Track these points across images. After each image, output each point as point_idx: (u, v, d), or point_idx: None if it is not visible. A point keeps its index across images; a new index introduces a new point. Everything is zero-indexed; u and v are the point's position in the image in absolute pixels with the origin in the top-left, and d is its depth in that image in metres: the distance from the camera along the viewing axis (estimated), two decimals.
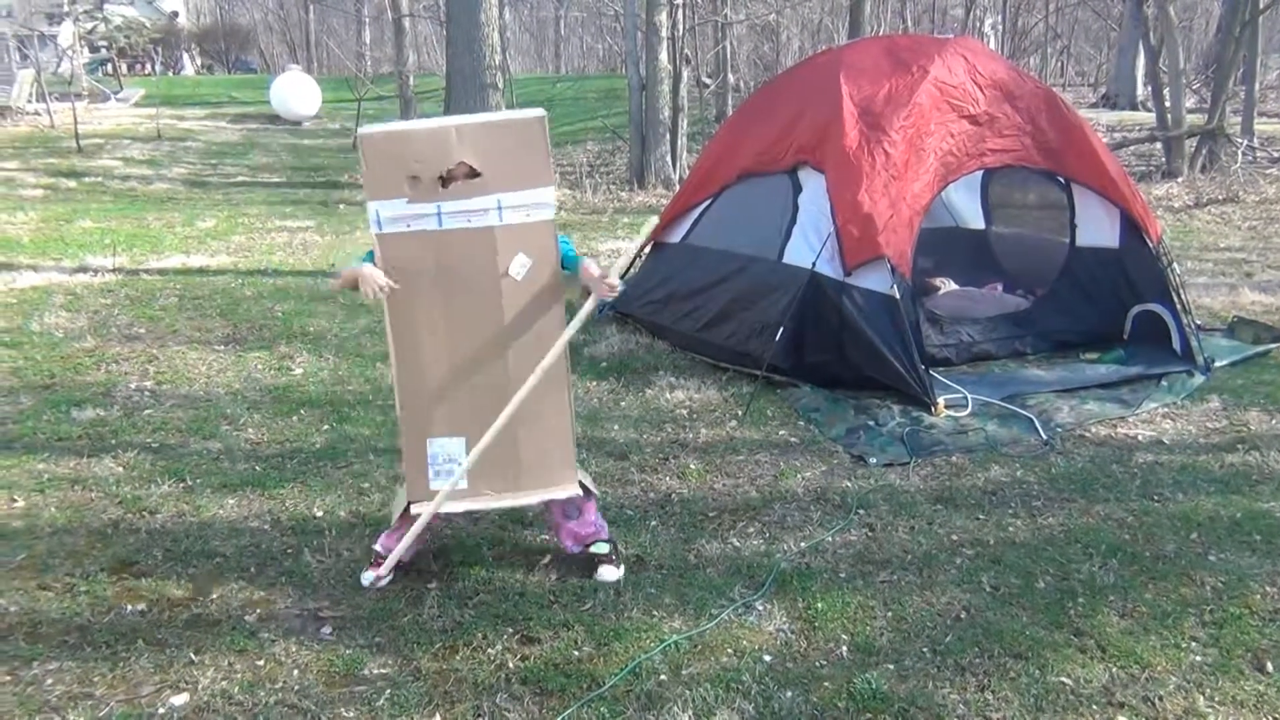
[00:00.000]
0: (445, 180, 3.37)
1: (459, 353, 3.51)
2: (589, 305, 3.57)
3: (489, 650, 3.26)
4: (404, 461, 3.63)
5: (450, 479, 3.55)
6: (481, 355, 3.51)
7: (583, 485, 3.69)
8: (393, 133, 3.46)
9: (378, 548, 3.72)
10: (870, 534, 4.09)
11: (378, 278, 3.41)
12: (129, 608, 3.50)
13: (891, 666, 3.17)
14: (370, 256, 3.50)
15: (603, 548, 3.75)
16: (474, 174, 3.38)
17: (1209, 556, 3.86)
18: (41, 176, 14.88)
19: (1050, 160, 6.16)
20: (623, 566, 3.76)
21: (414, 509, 3.59)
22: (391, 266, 3.45)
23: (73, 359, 6.29)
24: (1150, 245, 6.20)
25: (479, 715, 2.95)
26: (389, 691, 3.05)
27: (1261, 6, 14.52)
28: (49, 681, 3.09)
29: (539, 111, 3.45)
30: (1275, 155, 14.84)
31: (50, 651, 3.24)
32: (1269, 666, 3.16)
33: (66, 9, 25.30)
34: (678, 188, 10.51)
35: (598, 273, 3.55)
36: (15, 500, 4.33)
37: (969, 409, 5.36)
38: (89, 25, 25.92)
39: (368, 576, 3.67)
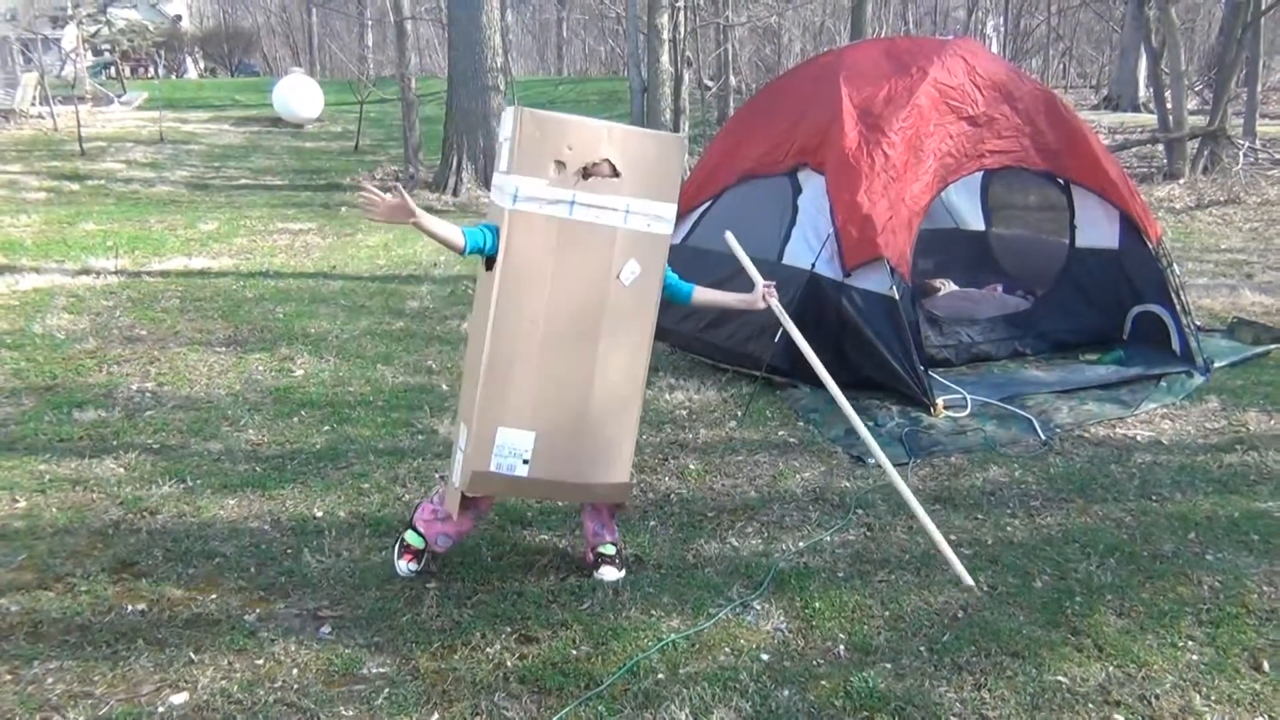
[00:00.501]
0: (587, 173, 3.41)
1: (551, 345, 3.48)
2: (778, 308, 4.08)
3: (487, 649, 3.27)
4: (468, 443, 3.50)
5: (510, 473, 3.50)
6: (572, 351, 3.50)
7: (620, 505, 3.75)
8: (553, 115, 3.48)
9: (411, 540, 3.71)
10: (868, 534, 4.10)
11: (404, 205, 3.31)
12: (129, 607, 3.52)
13: (889, 665, 3.18)
14: (490, 231, 3.42)
15: (609, 549, 3.77)
16: (614, 174, 3.43)
17: (1206, 556, 3.87)
18: (44, 179, 14.93)
19: (1049, 161, 6.17)
20: (624, 570, 3.76)
21: (468, 493, 3.53)
22: (514, 245, 3.41)
23: (74, 360, 6.31)
24: (1150, 246, 6.21)
25: (477, 714, 2.96)
26: (387, 690, 3.06)
27: (1263, 8, 14.53)
28: (50, 680, 3.10)
29: (680, 135, 3.54)
30: (1277, 157, 14.85)
31: (51, 650, 3.25)
32: (1265, 666, 3.17)
33: (70, 12, 25.39)
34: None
35: (750, 296, 3.91)
36: (17, 501, 4.35)
37: (968, 410, 5.37)
38: (92, 29, 26.00)
39: (403, 565, 3.72)
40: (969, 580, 3.64)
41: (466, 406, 3.57)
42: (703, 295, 3.84)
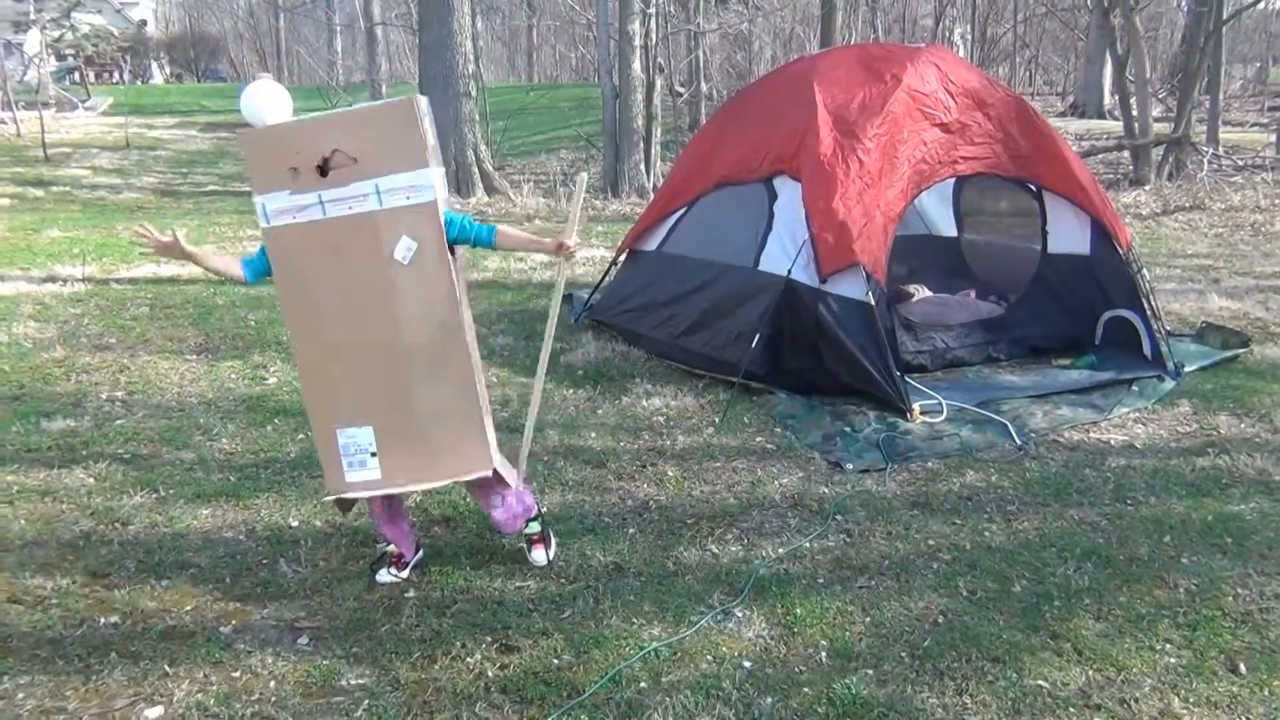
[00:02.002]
0: (323, 169, 3.40)
1: (355, 340, 3.51)
2: (563, 271, 3.68)
3: (468, 659, 3.24)
4: (319, 452, 3.61)
5: (364, 470, 3.56)
6: (377, 341, 3.50)
7: (496, 473, 3.65)
8: (269, 127, 3.52)
9: (391, 549, 3.78)
10: (848, 540, 4.10)
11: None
12: (101, 620, 3.46)
13: (870, 671, 3.19)
14: (262, 254, 3.54)
15: (534, 527, 3.81)
16: (351, 160, 3.40)
17: (1182, 559, 3.90)
18: (8, 185, 14.71)
19: (1021, 168, 6.22)
20: (554, 547, 3.84)
21: (330, 498, 3.63)
22: (282, 258, 3.49)
23: (42, 369, 6.21)
24: (1120, 252, 6.27)
25: None
26: (367, 702, 3.03)
27: (1225, 18, 14.75)
28: (20, 695, 3.04)
29: (412, 96, 3.46)
30: (1240, 163, 15.07)
31: (21, 665, 3.19)
32: (1242, 668, 3.20)
33: (33, 17, 25.05)
34: (652, 196, 10.53)
35: (550, 241, 3.56)
36: None
37: (944, 415, 5.40)
38: (56, 33, 25.69)
39: (384, 576, 3.74)
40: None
41: (310, 414, 3.64)
42: (504, 238, 3.64)
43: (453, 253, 3.48)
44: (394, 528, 3.77)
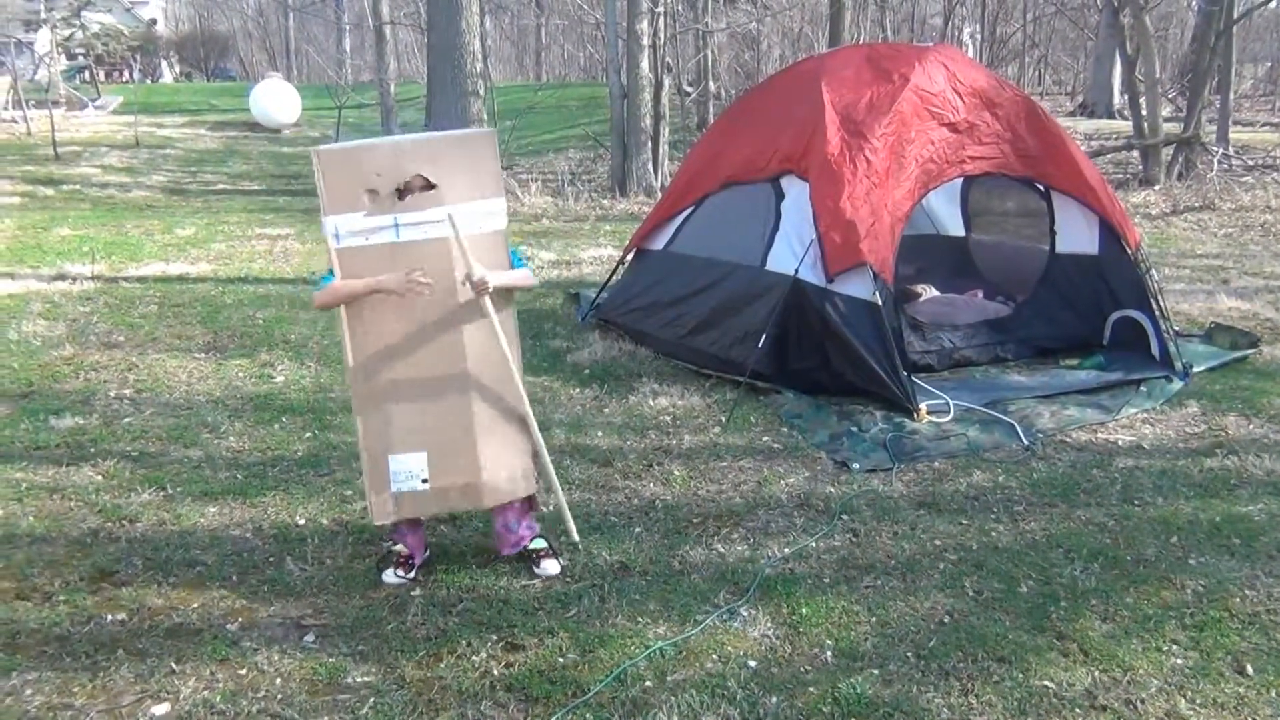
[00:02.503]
0: (402, 192, 3.43)
1: (418, 367, 3.54)
2: (489, 308, 3.59)
3: (473, 658, 3.25)
4: (365, 479, 3.64)
5: (413, 494, 3.61)
6: (440, 368, 3.54)
7: (531, 498, 3.81)
8: (349, 147, 3.57)
9: (399, 549, 3.79)
10: (854, 539, 4.10)
11: (404, 277, 3.46)
12: (109, 617, 3.47)
13: (876, 671, 3.18)
14: (330, 276, 3.54)
15: (540, 543, 3.83)
16: (429, 186, 3.44)
17: (1189, 560, 3.89)
18: (18, 184, 14.76)
19: (1030, 168, 6.20)
20: (563, 559, 3.85)
21: (378, 521, 3.67)
22: (351, 279, 3.51)
23: (51, 367, 6.24)
24: (1129, 252, 6.25)
25: None
26: (372, 700, 3.03)
27: (1236, 17, 14.69)
28: (28, 692, 3.06)
29: (489, 129, 3.54)
30: (1250, 163, 15.00)
31: (29, 662, 3.21)
32: (1249, 669, 3.19)
33: (44, 16, 25.13)
34: (659, 195, 10.54)
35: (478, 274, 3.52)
36: None
37: (951, 415, 5.39)
38: (66, 32, 25.76)
39: (390, 576, 3.74)
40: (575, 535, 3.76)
41: (360, 437, 3.63)
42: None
43: None
44: (414, 535, 3.80)
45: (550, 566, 3.78)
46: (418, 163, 3.44)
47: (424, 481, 3.58)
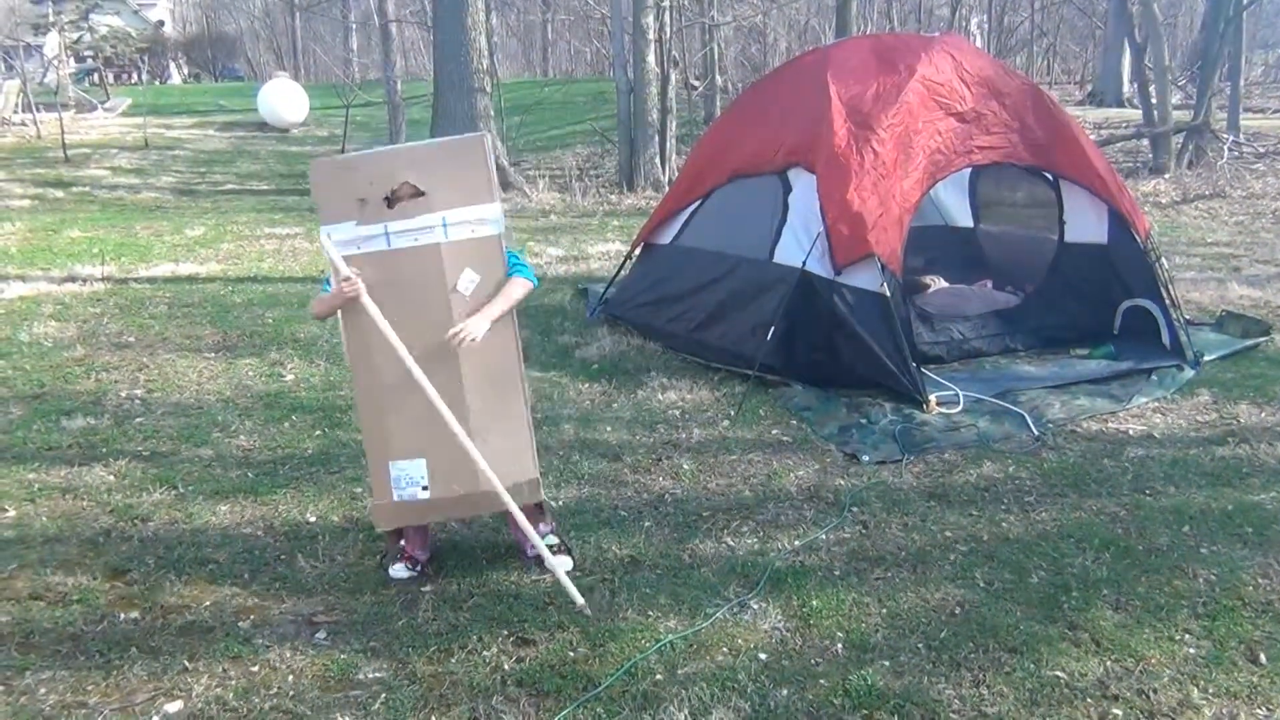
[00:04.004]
0: (391, 201, 3.44)
1: (413, 372, 3.52)
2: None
3: (484, 653, 3.25)
4: (371, 479, 3.67)
5: (414, 501, 3.62)
6: (435, 373, 3.52)
7: (539, 505, 3.80)
8: (339, 159, 3.58)
9: (403, 544, 3.80)
10: (864, 531, 4.09)
11: (343, 284, 3.46)
12: (122, 616, 3.49)
13: (887, 663, 3.18)
14: (327, 284, 3.58)
15: (552, 539, 3.83)
16: (418, 193, 3.45)
17: (1201, 549, 3.87)
18: (29, 187, 14.84)
19: (1038, 157, 6.17)
20: (574, 555, 3.86)
21: (381, 528, 3.70)
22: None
23: (62, 368, 6.26)
24: (1138, 241, 6.22)
25: (475, 718, 2.94)
26: (384, 696, 3.04)
27: (1245, 3, 14.60)
28: (42, 691, 3.07)
29: (481, 133, 3.54)
30: (1261, 150, 14.92)
31: (43, 661, 3.22)
32: (1262, 658, 3.17)
33: (52, 19, 25.24)
34: (667, 189, 10.52)
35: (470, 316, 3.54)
36: (6, 510, 4.31)
37: (961, 406, 5.37)
38: (75, 35, 25.86)
39: (398, 570, 3.75)
40: (580, 600, 3.51)
41: (365, 443, 3.66)
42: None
43: None
44: (418, 535, 3.80)
45: (564, 561, 3.77)
46: (407, 170, 3.45)
47: (424, 489, 3.59)
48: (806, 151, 5.94)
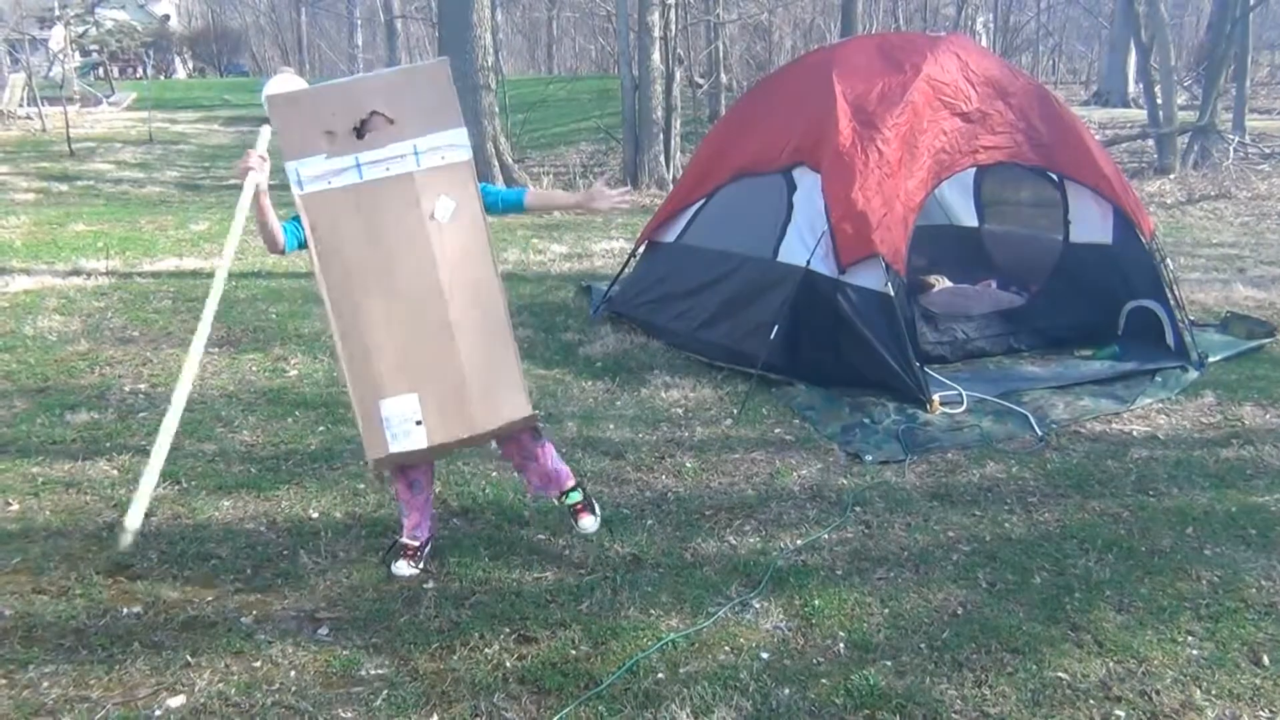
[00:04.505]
0: (360, 131, 3.38)
1: (397, 305, 3.47)
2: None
3: (486, 650, 3.25)
4: (360, 427, 3.55)
5: (408, 439, 3.51)
6: (420, 305, 3.46)
7: (535, 428, 3.71)
8: (303, 91, 3.52)
9: (404, 540, 3.77)
10: (866, 531, 4.09)
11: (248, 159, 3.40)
12: (125, 610, 3.49)
13: (889, 663, 3.18)
14: (295, 222, 3.50)
15: (575, 496, 3.82)
16: (389, 122, 3.39)
17: (1204, 551, 3.87)
18: (33, 180, 14.85)
19: (1043, 157, 6.17)
20: (600, 513, 3.88)
21: (372, 467, 3.62)
22: (318, 226, 3.44)
23: (66, 362, 6.27)
24: (1143, 241, 6.21)
25: (477, 715, 2.94)
26: (386, 692, 3.04)
27: (1251, 3, 14.57)
28: (45, 685, 3.07)
29: (443, 59, 3.50)
30: (1266, 151, 14.89)
31: (46, 655, 3.22)
32: (1265, 660, 3.17)
33: (58, 13, 25.27)
34: (671, 187, 10.52)
35: (580, 194, 3.65)
36: (10, 504, 4.32)
37: (964, 406, 5.37)
38: (80, 29, 25.90)
39: (401, 567, 3.73)
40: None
41: (349, 387, 3.55)
42: (534, 198, 3.84)
43: None
44: (418, 497, 3.75)
45: (587, 523, 3.80)
46: (373, 99, 3.38)
47: (418, 424, 3.49)
48: (811, 150, 5.94)
